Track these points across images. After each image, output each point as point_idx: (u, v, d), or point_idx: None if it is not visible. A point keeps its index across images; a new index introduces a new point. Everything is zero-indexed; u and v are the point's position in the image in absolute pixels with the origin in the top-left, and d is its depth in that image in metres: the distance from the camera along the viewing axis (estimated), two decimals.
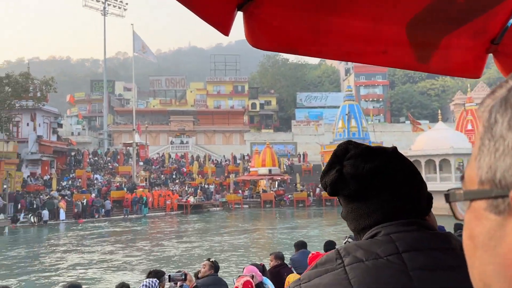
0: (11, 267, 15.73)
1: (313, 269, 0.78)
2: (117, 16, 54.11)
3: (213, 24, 1.49)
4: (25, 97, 34.87)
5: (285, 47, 1.80)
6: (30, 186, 32.40)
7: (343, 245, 0.79)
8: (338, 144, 0.92)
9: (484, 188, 0.39)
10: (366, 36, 1.81)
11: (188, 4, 1.36)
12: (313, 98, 64.44)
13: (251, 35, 1.61)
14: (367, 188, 0.84)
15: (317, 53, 1.92)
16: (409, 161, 0.89)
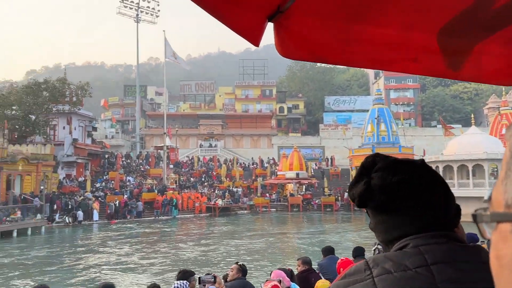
0: (42, 265, 16.43)
1: (342, 279, 0.79)
2: (149, 23, 55.50)
3: (244, 35, 1.56)
4: (61, 102, 36.22)
5: (314, 57, 1.84)
6: (65, 188, 33.57)
7: (372, 256, 0.81)
8: (366, 157, 0.94)
9: (510, 212, 0.40)
10: (396, 44, 1.84)
11: (220, 17, 1.42)
12: (341, 102, 63.83)
13: (281, 45, 1.65)
14: (395, 200, 0.85)
15: (347, 62, 1.95)
16: (437, 173, 0.90)
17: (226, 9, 1.52)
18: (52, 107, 35.14)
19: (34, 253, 19.26)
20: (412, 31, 1.82)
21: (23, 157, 29.05)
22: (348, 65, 2.06)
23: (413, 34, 1.82)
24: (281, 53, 1.78)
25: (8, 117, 32.47)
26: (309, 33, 1.72)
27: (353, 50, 1.85)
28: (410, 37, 1.83)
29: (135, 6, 53.85)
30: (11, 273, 14.99)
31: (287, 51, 1.75)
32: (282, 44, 1.71)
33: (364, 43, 1.83)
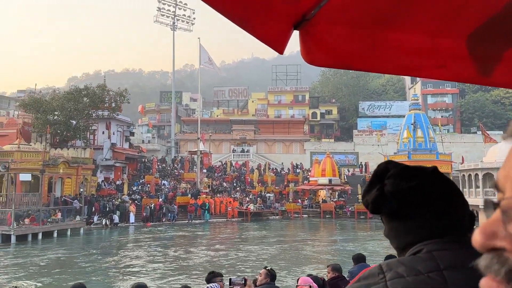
0: (80, 264, 17.05)
1: (356, 283, 0.80)
2: (185, 31, 56.78)
3: (270, 44, 1.61)
4: (101, 107, 37.57)
5: (340, 63, 1.86)
6: (103, 190, 34.70)
7: (386, 261, 0.82)
8: (378, 164, 0.96)
9: None
10: (424, 50, 1.83)
11: (246, 26, 1.45)
12: (376, 107, 62.63)
13: (307, 52, 1.70)
14: (408, 206, 0.87)
15: (373, 68, 1.95)
16: (450, 180, 0.92)
17: (253, 19, 1.58)
18: (92, 112, 36.46)
19: (73, 253, 20.06)
20: (440, 37, 1.81)
21: (64, 161, 30.30)
22: (374, 71, 2.07)
23: (441, 40, 1.81)
24: (306, 60, 1.82)
25: (51, 122, 33.99)
26: (335, 40, 1.75)
27: (379, 57, 1.85)
28: (438, 43, 1.82)
29: (172, 14, 55.27)
30: (53, 270, 15.69)
31: (313, 58, 1.79)
32: (308, 51, 1.75)
33: (390, 49, 1.84)
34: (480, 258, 0.44)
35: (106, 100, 38.15)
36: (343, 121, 64.93)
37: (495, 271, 0.41)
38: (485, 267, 0.43)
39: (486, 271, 0.43)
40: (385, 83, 72.62)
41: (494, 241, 0.42)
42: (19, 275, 14.98)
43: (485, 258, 0.43)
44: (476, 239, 0.43)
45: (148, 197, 34.22)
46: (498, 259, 0.41)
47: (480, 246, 0.43)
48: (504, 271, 0.40)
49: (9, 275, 14.96)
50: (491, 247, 0.42)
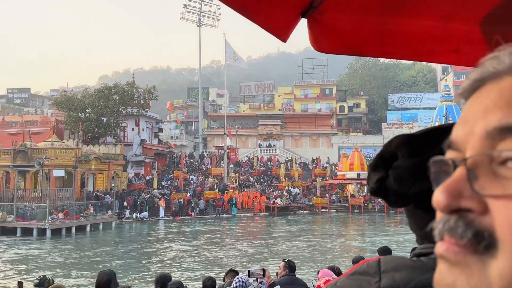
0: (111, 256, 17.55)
1: (350, 276, 0.71)
2: (211, 27, 57.13)
3: (273, 32, 1.59)
4: (130, 105, 38.37)
5: (349, 50, 1.82)
6: (134, 185, 35.55)
7: (387, 258, 0.70)
8: (389, 140, 0.78)
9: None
10: (436, 35, 1.77)
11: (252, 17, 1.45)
12: (406, 99, 61.12)
13: (315, 40, 1.67)
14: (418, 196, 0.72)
15: (384, 54, 1.91)
16: None
17: (259, 9, 1.58)
18: (122, 109, 37.29)
19: (105, 246, 20.71)
20: (453, 22, 1.75)
21: (96, 157, 31.21)
22: (385, 57, 2.03)
23: (454, 24, 1.75)
24: (315, 48, 1.80)
25: (82, 119, 35.04)
26: (343, 27, 1.71)
27: (390, 43, 1.81)
28: (450, 27, 1.76)
29: (198, 11, 55.69)
30: (91, 262, 16.27)
31: (322, 45, 1.77)
32: (316, 39, 1.73)
33: (401, 35, 1.79)
34: (440, 220, 0.41)
35: (135, 97, 38.90)
36: (372, 114, 63.74)
37: (460, 234, 0.38)
38: (448, 229, 0.39)
39: (448, 235, 0.40)
40: (416, 74, 70.72)
41: (459, 201, 0.39)
42: (52, 266, 15.62)
43: (448, 221, 0.39)
44: (438, 199, 0.40)
45: (177, 192, 34.82)
46: (463, 220, 0.38)
47: (444, 207, 0.39)
48: (471, 234, 0.37)
49: (38, 266, 15.63)
50: (456, 208, 0.39)
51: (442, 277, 0.41)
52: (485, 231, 0.37)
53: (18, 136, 35.34)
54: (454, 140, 0.42)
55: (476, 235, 0.37)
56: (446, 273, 0.40)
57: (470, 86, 0.43)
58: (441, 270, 0.41)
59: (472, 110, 0.41)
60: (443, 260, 0.41)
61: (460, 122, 0.42)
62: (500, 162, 0.36)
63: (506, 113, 0.37)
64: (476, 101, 0.41)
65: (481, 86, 0.42)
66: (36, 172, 28.35)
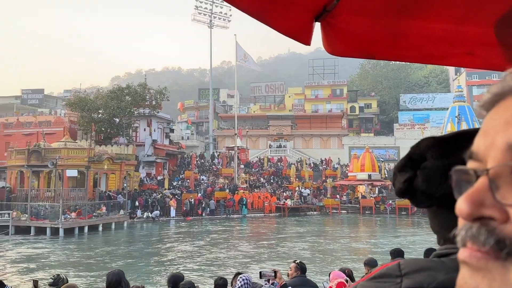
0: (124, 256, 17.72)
1: (370, 281, 0.71)
2: (222, 28, 57.33)
3: (294, 37, 1.62)
4: (142, 105, 38.72)
5: (362, 53, 1.84)
6: (145, 185, 35.84)
7: (407, 260, 0.71)
8: (418, 142, 0.79)
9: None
10: (449, 37, 1.77)
11: (267, 21, 1.47)
12: (418, 100, 60.53)
13: (329, 43, 1.69)
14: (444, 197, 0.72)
15: (397, 57, 1.92)
16: None
17: (272, 13, 1.61)
18: (134, 110, 37.59)
19: (116, 246, 20.92)
20: (466, 25, 1.75)
21: (108, 157, 31.54)
22: (398, 60, 2.04)
23: (467, 27, 1.75)
24: (329, 51, 1.82)
25: (95, 120, 35.45)
26: (356, 30, 1.73)
27: (403, 45, 1.82)
28: (463, 30, 1.76)
29: (209, 12, 55.92)
30: (103, 261, 16.46)
31: (335, 49, 1.79)
32: (330, 42, 1.75)
33: (414, 38, 1.80)
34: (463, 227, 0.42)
35: (147, 98, 39.24)
36: (383, 114, 63.28)
37: (482, 241, 0.40)
38: (471, 236, 0.41)
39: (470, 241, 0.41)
40: (428, 75, 70.03)
41: (481, 210, 0.40)
42: (64, 265, 15.85)
43: (470, 228, 0.41)
44: (461, 207, 0.42)
45: (188, 192, 35.00)
46: (486, 228, 0.40)
47: (467, 215, 0.41)
48: (493, 241, 0.39)
49: (51, 265, 15.86)
50: (478, 217, 0.41)
51: (465, 282, 0.42)
52: (506, 238, 0.38)
53: (32, 137, 35.89)
54: (476, 151, 0.44)
55: (498, 242, 0.39)
56: (468, 278, 0.41)
57: (490, 100, 0.44)
58: (463, 275, 0.42)
59: (493, 123, 0.42)
60: (465, 265, 0.42)
61: (481, 134, 0.44)
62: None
63: None
64: (496, 114, 0.42)
65: (501, 100, 0.43)
66: (50, 172, 28.76)
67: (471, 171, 0.43)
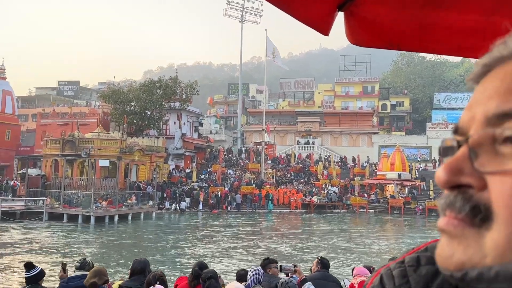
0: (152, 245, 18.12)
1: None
2: (253, 23, 57.35)
3: (314, 26, 1.60)
4: (173, 99, 39.36)
5: (386, 44, 1.79)
6: (174, 178, 36.49)
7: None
8: None
9: None
10: (479, 29, 1.72)
11: (289, 10, 1.45)
12: (453, 99, 58.62)
13: (352, 33, 1.66)
14: None
15: (423, 49, 1.87)
16: None
17: (296, 3, 1.61)
18: (165, 104, 38.28)
19: (146, 234, 21.42)
20: (496, 15, 1.69)
21: (139, 149, 32.28)
22: (424, 51, 1.98)
23: (497, 18, 1.70)
24: (351, 41, 1.78)
25: (127, 112, 36.31)
26: (381, 20, 1.70)
27: (429, 37, 1.77)
28: (494, 22, 1.70)
29: (240, 7, 56.04)
30: (130, 249, 16.92)
31: (358, 39, 1.76)
32: (353, 32, 1.72)
33: (441, 29, 1.75)
34: (442, 197, 0.44)
35: (177, 92, 39.83)
36: (416, 113, 61.70)
37: (458, 208, 0.41)
38: (448, 204, 0.42)
39: (448, 210, 0.43)
40: (464, 73, 67.65)
41: (459, 177, 0.41)
42: (93, 251, 16.39)
43: (447, 196, 0.43)
44: (440, 176, 0.43)
45: (215, 185, 35.38)
46: (462, 195, 0.41)
47: (444, 183, 0.42)
48: (469, 207, 0.40)
49: (80, 250, 16.43)
50: (456, 184, 0.42)
51: (443, 250, 0.43)
52: (481, 204, 0.39)
53: (67, 127, 37.19)
54: (460, 125, 0.45)
55: (473, 208, 0.40)
56: (446, 246, 0.43)
57: (479, 72, 0.44)
58: (442, 244, 0.44)
59: (477, 96, 0.43)
60: (443, 233, 0.43)
61: (466, 108, 0.45)
62: (501, 141, 0.39)
63: (503, 100, 0.39)
64: (481, 87, 0.43)
65: (488, 72, 0.43)
66: (83, 162, 29.71)
67: (454, 141, 0.44)
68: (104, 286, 3.70)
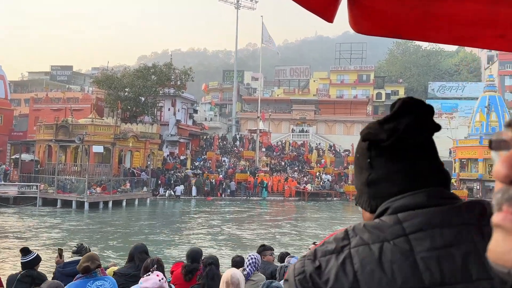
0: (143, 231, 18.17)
1: (321, 246, 0.73)
2: (248, 9, 56.74)
3: (317, 12, 1.59)
4: (167, 85, 39.04)
5: (389, 32, 1.79)
6: (168, 164, 36.46)
7: (353, 225, 0.74)
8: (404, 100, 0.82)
9: None
10: (481, 19, 1.73)
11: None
12: (447, 88, 58.83)
13: (354, 21, 1.66)
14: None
15: (425, 38, 1.87)
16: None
17: None
18: (159, 90, 37.99)
19: (141, 221, 21.47)
20: (499, 5, 1.69)
21: (133, 135, 32.14)
22: (426, 40, 1.98)
23: (500, 8, 1.70)
24: (354, 29, 1.78)
25: (121, 98, 36.02)
26: (383, 8, 1.69)
27: (431, 26, 1.78)
28: (496, 11, 1.71)
29: None
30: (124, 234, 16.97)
31: (361, 27, 1.75)
32: (356, 20, 1.71)
33: (443, 18, 1.75)
34: (499, 190, 0.43)
35: (172, 78, 39.53)
36: None
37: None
38: (507, 199, 0.41)
39: (506, 205, 0.42)
40: (458, 63, 67.80)
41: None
42: (89, 236, 16.42)
43: (507, 191, 0.41)
44: (499, 170, 0.42)
45: (209, 172, 35.42)
46: None
47: (504, 177, 0.41)
48: None
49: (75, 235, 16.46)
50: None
51: (497, 245, 0.42)
52: None
53: (60, 112, 36.88)
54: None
55: None
56: (501, 241, 0.42)
57: None
58: (497, 239, 0.43)
59: None
60: (499, 229, 0.42)
61: None
62: None
63: None
64: None
65: None
66: (77, 147, 29.56)
67: (509, 135, 0.44)
68: (97, 270, 3.73)
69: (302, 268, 0.70)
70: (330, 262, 0.68)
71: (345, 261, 0.67)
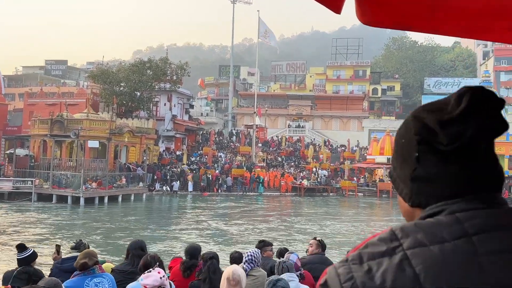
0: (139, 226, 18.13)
1: (365, 249, 0.66)
2: (245, 4, 56.44)
3: (325, 3, 1.55)
4: (163, 80, 38.85)
5: (398, 24, 1.76)
6: (164, 160, 36.37)
7: (399, 225, 0.67)
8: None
9: None
10: (491, 11, 1.71)
11: None
12: (443, 84, 58.96)
13: (363, 13, 1.63)
14: None
15: (434, 30, 1.85)
16: None
17: None
18: (155, 84, 37.79)
19: (137, 216, 21.40)
20: None
21: (129, 130, 31.99)
22: (436, 33, 1.94)
23: (509, 0, 1.68)
24: (362, 21, 1.74)
25: (117, 93, 35.79)
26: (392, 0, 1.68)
27: (441, 18, 1.75)
28: (507, 3, 1.69)
29: None
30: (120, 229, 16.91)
31: (369, 19, 1.71)
32: (364, 12, 1.67)
33: (453, 10, 1.72)
34: None
35: (168, 73, 39.31)
36: (406, 98, 62.00)
37: None
38: None
39: None
40: (454, 58, 67.93)
41: None
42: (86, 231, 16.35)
43: None
44: None
45: (205, 168, 35.36)
46: None
47: None
48: None
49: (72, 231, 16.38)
50: None
51: None
52: None
53: (55, 107, 36.61)
54: None
55: None
56: None
57: None
58: None
59: None
60: None
61: None
62: None
63: None
64: None
65: None
66: (72, 142, 29.39)
67: None
68: (95, 267, 3.68)
69: (349, 274, 0.63)
70: (382, 265, 0.62)
71: (402, 262, 0.61)
